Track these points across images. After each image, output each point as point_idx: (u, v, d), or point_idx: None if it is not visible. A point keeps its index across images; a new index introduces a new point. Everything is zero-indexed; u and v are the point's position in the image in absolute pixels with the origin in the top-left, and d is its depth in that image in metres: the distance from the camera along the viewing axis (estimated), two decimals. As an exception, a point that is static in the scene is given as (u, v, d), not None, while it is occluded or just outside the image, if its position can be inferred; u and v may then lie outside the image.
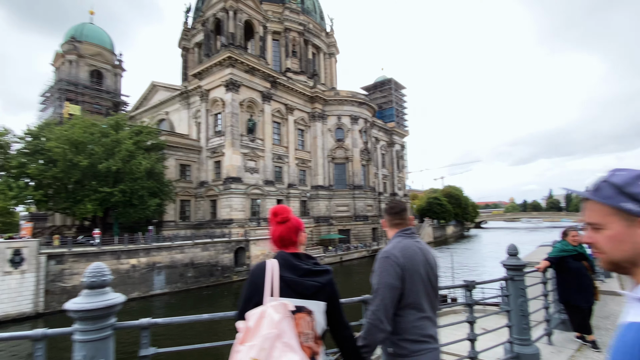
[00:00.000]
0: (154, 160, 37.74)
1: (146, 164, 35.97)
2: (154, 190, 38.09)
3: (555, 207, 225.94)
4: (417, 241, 2.63)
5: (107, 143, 35.95)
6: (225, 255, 38.16)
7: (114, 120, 40.22)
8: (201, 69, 49.08)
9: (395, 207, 2.74)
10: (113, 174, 35.31)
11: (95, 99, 69.74)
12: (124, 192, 35.34)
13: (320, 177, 59.76)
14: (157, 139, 43.10)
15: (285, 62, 64.83)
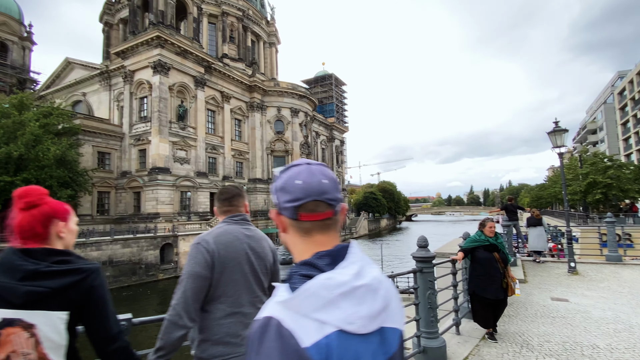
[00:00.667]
0: (66, 146, 33.11)
1: (55, 150, 31.38)
2: (65, 180, 33.52)
3: (475, 202, 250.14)
4: (246, 228, 2.34)
5: (7, 125, 30.79)
6: (150, 252, 35.22)
7: (18, 99, 34.53)
8: (125, 47, 44.35)
9: (225, 192, 2.51)
10: (15, 161, 30.34)
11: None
12: (28, 182, 30.49)
13: (258, 169, 58.18)
14: (70, 123, 38.03)
15: (222, 47, 61.61)
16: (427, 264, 3.76)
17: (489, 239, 5.09)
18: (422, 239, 3.83)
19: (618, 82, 74.18)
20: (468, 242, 5.22)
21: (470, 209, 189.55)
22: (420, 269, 3.73)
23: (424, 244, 3.80)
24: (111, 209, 43.60)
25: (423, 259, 3.76)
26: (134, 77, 44.65)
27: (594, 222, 28.44)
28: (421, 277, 3.77)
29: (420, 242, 3.82)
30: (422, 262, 3.78)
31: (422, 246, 3.79)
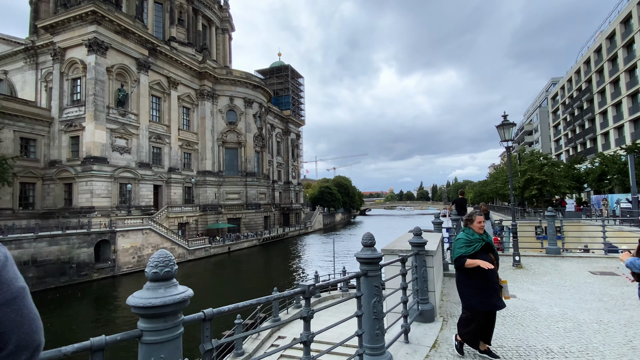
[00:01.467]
0: (-24, 129, 28.73)
1: (-39, 133, 27.09)
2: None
3: (424, 197, 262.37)
4: None
5: None
6: (83, 250, 31.85)
7: None
8: (55, 21, 39.47)
9: None
10: None
11: None
12: None
13: (208, 161, 55.37)
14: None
15: (169, 30, 57.43)
16: (373, 266, 3.08)
17: (483, 237, 4.16)
18: (368, 237, 3.13)
19: (551, 88, 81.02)
20: (462, 245, 4.12)
21: (420, 204, 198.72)
22: (365, 272, 3.04)
23: (369, 242, 3.10)
24: (37, 202, 38.89)
25: (369, 260, 3.06)
26: (65, 56, 39.95)
27: (530, 217, 30.53)
28: (366, 282, 3.08)
29: (366, 240, 3.12)
30: (368, 263, 3.08)
31: (368, 245, 3.09)
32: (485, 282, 3.99)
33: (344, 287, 17.49)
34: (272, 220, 67.94)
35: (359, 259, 3.09)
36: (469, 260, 3.99)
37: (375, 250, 3.11)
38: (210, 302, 16.81)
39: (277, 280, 33.38)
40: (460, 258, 4.08)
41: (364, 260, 3.03)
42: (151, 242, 37.75)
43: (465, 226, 4.33)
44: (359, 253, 3.11)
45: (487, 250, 4.14)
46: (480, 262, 3.91)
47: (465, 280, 4.14)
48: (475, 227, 4.20)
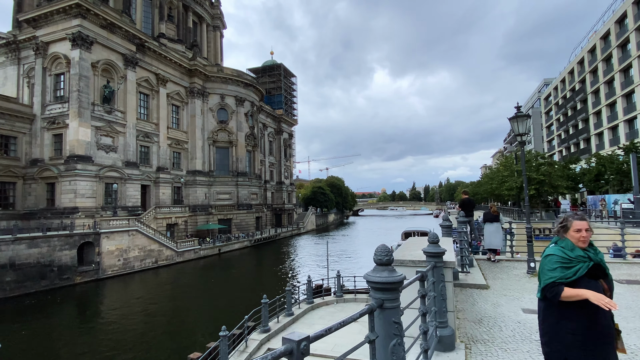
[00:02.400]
0: (-51, 126, 27.18)
1: None
2: (-51, 168, 27.60)
3: (417, 197, 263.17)
4: None
5: None
6: (65, 252, 30.41)
7: None
8: (37, 14, 37.86)
9: None
10: None
11: None
12: None
13: (198, 161, 54.04)
14: (-41, 98, 31.49)
15: (159, 26, 55.95)
16: (392, 293, 2.14)
17: (589, 253, 2.73)
18: (383, 251, 2.20)
19: (544, 89, 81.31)
20: (556, 266, 2.70)
21: (413, 204, 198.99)
22: (381, 304, 2.11)
23: (385, 260, 2.17)
24: (18, 202, 37.26)
25: (386, 285, 2.12)
26: (47, 50, 38.39)
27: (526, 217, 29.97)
28: (382, 319, 2.13)
29: (381, 256, 2.19)
30: (385, 290, 2.14)
31: (384, 263, 2.17)
32: (592, 324, 2.55)
33: (338, 292, 16.58)
34: (264, 221, 66.78)
35: (371, 282, 2.16)
36: (568, 290, 2.59)
37: (394, 271, 2.20)
38: (198, 306, 15.66)
39: (268, 284, 32.35)
40: (553, 286, 2.65)
41: (380, 285, 2.10)
42: (138, 244, 36.39)
43: (561, 235, 2.89)
44: (370, 275, 2.19)
45: (595, 274, 2.71)
46: (588, 293, 2.50)
47: (557, 318, 2.68)
48: (574, 237, 2.76)
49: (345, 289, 17.65)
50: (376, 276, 2.16)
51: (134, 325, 20.92)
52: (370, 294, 2.21)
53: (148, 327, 20.42)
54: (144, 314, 23.44)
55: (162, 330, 20.02)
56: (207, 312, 23.50)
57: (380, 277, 2.14)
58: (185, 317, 23.15)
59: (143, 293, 29.79)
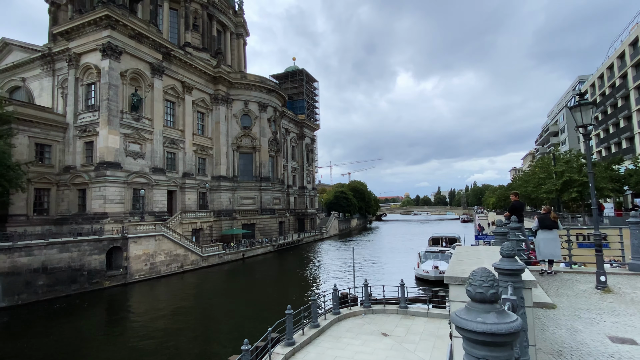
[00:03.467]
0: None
1: (-26, 139, 26.75)
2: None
3: (442, 201, 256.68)
4: None
5: None
6: (94, 256, 31.05)
7: None
8: (70, 27, 39.49)
9: None
10: None
11: None
12: (-63, 176, 25.71)
13: (223, 166, 54.56)
14: (0, 109, 33.00)
15: (184, 35, 57.30)
16: (502, 350, 1.30)
17: None
18: (486, 278, 1.40)
19: (579, 86, 77.05)
20: None
21: (438, 209, 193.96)
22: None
23: (491, 294, 1.35)
24: (52, 208, 38.65)
25: (497, 339, 1.28)
26: (79, 61, 39.88)
27: (567, 222, 27.86)
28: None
29: (483, 286, 1.36)
30: (492, 345, 1.31)
31: (489, 300, 1.34)
32: None
33: (367, 303, 15.65)
34: (286, 225, 66.54)
35: (466, 331, 1.39)
36: None
37: (506, 314, 1.40)
38: (223, 313, 14.91)
39: (292, 291, 31.71)
40: None
41: (485, 338, 1.31)
42: (164, 249, 36.79)
43: None
44: (464, 319, 1.41)
45: None
46: None
47: None
48: None
49: (373, 299, 16.68)
50: (476, 322, 1.36)
51: (159, 332, 20.77)
52: (464, 346, 1.43)
53: (172, 334, 20.20)
54: (169, 320, 23.32)
55: (187, 337, 19.73)
56: (231, 319, 23.09)
57: (485, 324, 1.34)
58: (210, 324, 22.83)
59: (169, 298, 29.88)
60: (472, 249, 5.18)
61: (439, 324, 13.55)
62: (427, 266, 30.23)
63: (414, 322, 13.93)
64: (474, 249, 5.32)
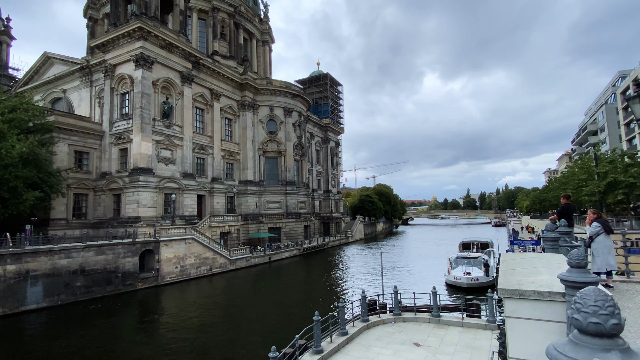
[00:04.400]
0: (34, 143, 30.13)
1: (21, 147, 28.43)
2: (34, 181, 30.52)
3: (471, 205, 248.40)
4: None
5: (-35, 120, 27.74)
6: (128, 259, 32.21)
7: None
8: (105, 40, 41.54)
9: None
10: (-28, 159, 27.30)
11: (-31, 69, 56.81)
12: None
13: (249, 171, 55.37)
14: (42, 119, 35.08)
15: (212, 44, 58.94)
16: None
17: None
18: (602, 301, 1.09)
19: (619, 82, 72.47)
20: None
21: (467, 212, 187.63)
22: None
23: (612, 328, 1.02)
24: (89, 212, 40.55)
25: None
26: (115, 72, 41.81)
27: (612, 226, 25.98)
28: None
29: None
30: None
31: (606, 334, 1.01)
32: None
33: (396, 310, 15.12)
34: (312, 229, 66.50)
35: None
36: None
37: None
38: (251, 316, 14.74)
39: (319, 295, 31.45)
40: None
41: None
42: (194, 252, 37.63)
43: None
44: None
45: None
46: None
47: None
48: None
49: (403, 307, 16.12)
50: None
51: (188, 335, 21.10)
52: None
53: (201, 338, 20.45)
54: (198, 323, 23.68)
55: (215, 341, 19.91)
56: (259, 324, 23.13)
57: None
58: (238, 328, 22.97)
59: (198, 301, 30.43)
60: (522, 256, 4.73)
61: (475, 334, 12.85)
62: (458, 272, 29.11)
63: (448, 331, 13.29)
64: (524, 257, 4.86)
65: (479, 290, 25.68)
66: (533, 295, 2.82)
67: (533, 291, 2.87)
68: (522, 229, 56.69)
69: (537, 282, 3.06)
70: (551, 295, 2.73)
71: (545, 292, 2.78)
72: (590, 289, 1.22)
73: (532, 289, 2.88)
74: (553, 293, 2.74)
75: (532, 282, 3.11)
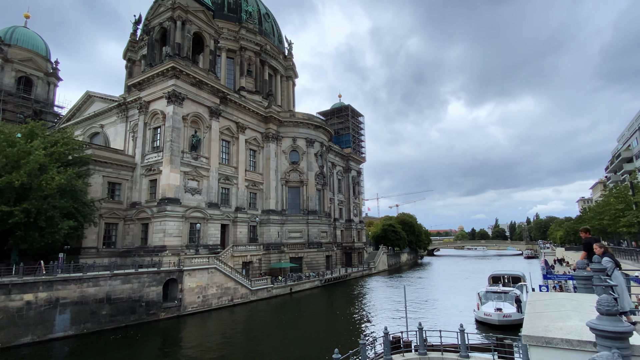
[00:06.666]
0: (72, 175, 32.04)
1: (60, 179, 30.28)
2: (69, 211, 32.16)
3: (501, 235, 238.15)
4: None
5: (12, 153, 30.00)
6: (152, 288, 32.67)
7: (28, 129, 34.29)
8: (141, 79, 44.67)
9: None
10: (15, 190, 29.24)
11: (20, 107, 62.01)
12: (28, 213, 29.21)
13: (272, 200, 56.08)
14: (80, 152, 37.43)
15: (239, 80, 62.07)
16: None
17: None
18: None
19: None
20: None
21: (497, 243, 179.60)
22: None
23: None
24: (118, 241, 41.91)
25: None
26: (149, 108, 44.54)
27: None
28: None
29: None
30: None
31: None
32: None
33: (421, 349, 14.37)
34: (334, 259, 65.48)
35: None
36: None
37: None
38: (271, 350, 14.52)
39: (341, 329, 30.44)
40: None
41: None
42: (216, 282, 37.76)
43: None
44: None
45: None
46: None
47: None
48: None
49: (429, 345, 15.30)
50: None
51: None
52: None
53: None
54: (218, 355, 23.35)
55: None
56: (278, 358, 22.53)
57: None
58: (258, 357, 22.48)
59: (219, 332, 30.16)
60: (551, 296, 4.47)
61: (508, 378, 11.99)
62: (488, 308, 27.52)
63: (478, 374, 12.48)
64: (553, 297, 4.61)
65: (511, 328, 24.13)
66: (561, 343, 2.68)
67: (561, 339, 2.73)
68: (555, 262, 53.53)
69: (565, 329, 2.90)
70: (581, 345, 2.58)
71: (574, 341, 2.65)
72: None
73: (560, 337, 2.74)
74: (583, 342, 2.58)
75: (560, 328, 2.96)
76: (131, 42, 65.18)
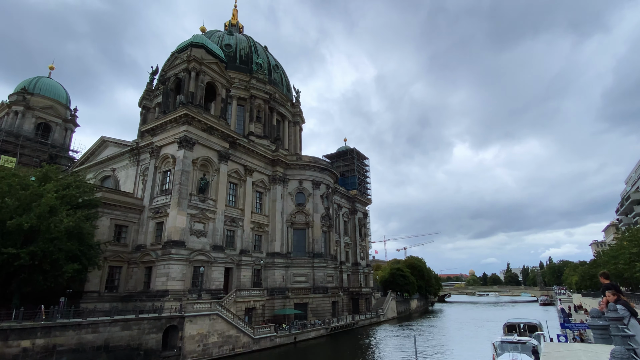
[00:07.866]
0: (80, 218, 32.39)
1: (68, 222, 30.60)
2: (74, 254, 32.11)
3: (514, 280, 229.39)
4: None
5: (24, 196, 30.72)
6: (152, 335, 31.54)
7: (43, 172, 35.40)
8: (155, 125, 46.62)
9: None
10: (24, 232, 29.54)
11: (37, 152, 64.39)
12: (34, 255, 29.26)
13: (277, 243, 55.52)
14: (91, 195, 38.16)
15: (249, 126, 64.41)
16: None
17: None
18: None
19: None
20: None
21: (510, 289, 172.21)
22: None
23: None
24: (121, 285, 41.28)
25: None
26: (160, 152, 45.97)
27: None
28: None
29: None
30: None
31: None
32: None
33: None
34: (340, 306, 63.11)
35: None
36: None
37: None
38: None
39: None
40: None
41: None
42: (217, 329, 36.38)
43: None
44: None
45: None
46: None
47: None
48: None
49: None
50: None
51: None
52: None
53: None
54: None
55: None
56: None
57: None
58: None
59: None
60: (567, 347, 4.34)
61: None
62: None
63: None
64: (568, 349, 4.46)
65: (531, 383, 22.50)
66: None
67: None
68: (571, 309, 50.98)
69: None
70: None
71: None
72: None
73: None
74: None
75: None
76: (147, 91, 68.83)
